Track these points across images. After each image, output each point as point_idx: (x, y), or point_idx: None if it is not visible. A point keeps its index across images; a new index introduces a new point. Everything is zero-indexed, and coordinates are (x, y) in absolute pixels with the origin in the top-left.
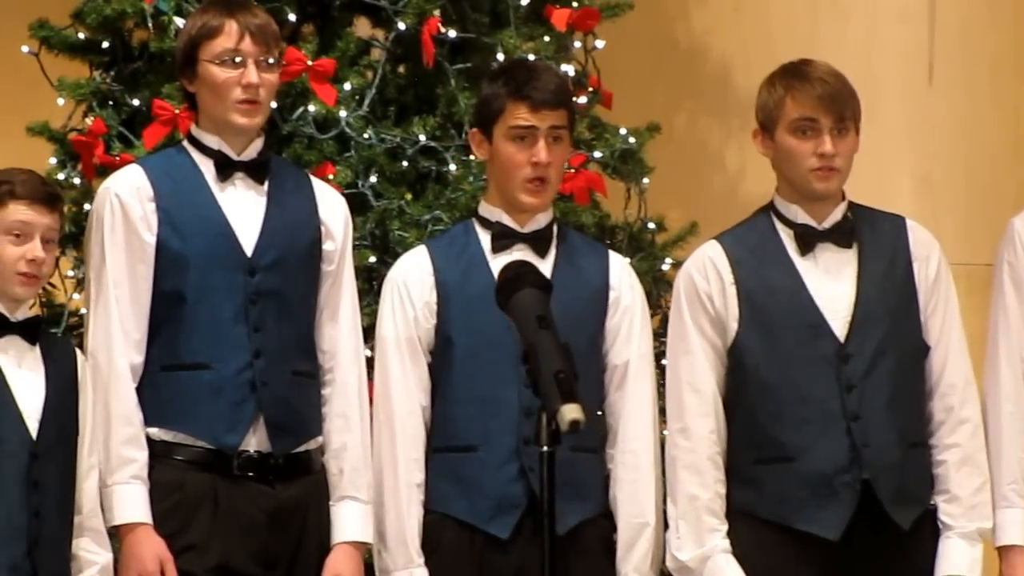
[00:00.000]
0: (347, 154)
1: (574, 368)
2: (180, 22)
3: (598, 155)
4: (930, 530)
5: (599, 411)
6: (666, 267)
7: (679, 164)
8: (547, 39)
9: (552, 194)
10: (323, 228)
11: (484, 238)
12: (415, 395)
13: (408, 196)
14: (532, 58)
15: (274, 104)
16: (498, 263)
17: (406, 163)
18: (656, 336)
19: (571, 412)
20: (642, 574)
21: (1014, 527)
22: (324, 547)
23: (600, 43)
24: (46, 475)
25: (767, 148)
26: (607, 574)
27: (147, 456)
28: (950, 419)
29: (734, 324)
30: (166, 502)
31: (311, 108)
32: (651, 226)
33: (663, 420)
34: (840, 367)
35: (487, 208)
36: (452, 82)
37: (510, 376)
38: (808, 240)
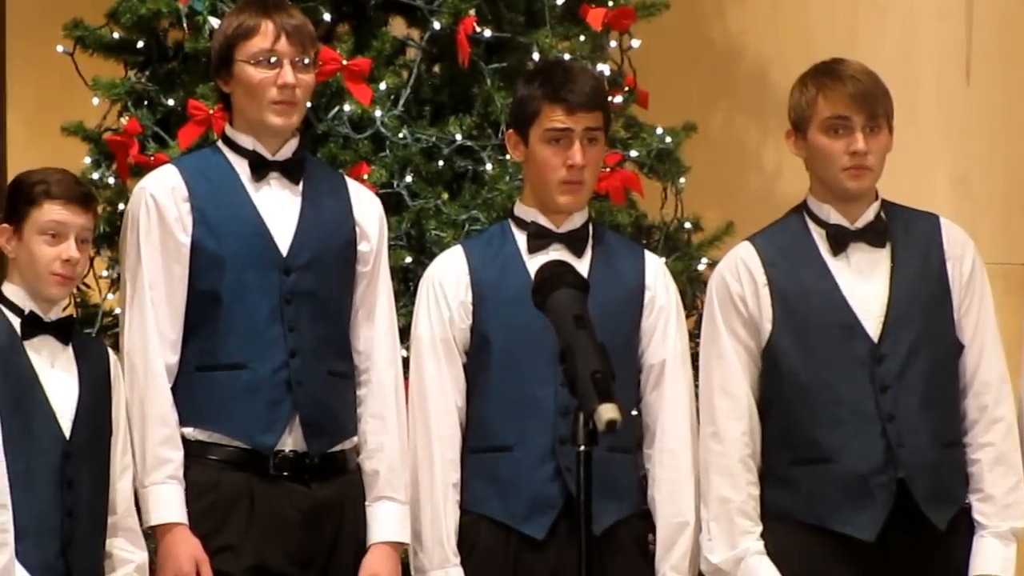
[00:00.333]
0: (382, 154)
1: (611, 368)
2: (215, 22)
3: (634, 154)
4: (966, 529)
5: (634, 411)
6: (702, 267)
7: (715, 164)
8: (583, 39)
9: (587, 195)
10: (358, 229)
11: (520, 238)
12: (450, 395)
13: (444, 196)
14: (567, 58)
15: (309, 104)
16: (534, 263)
17: (442, 163)
18: (692, 336)
19: (608, 412)
20: (681, 574)
21: None
22: (360, 547)
23: (636, 42)
24: (79, 474)
25: (800, 148)
26: (642, 574)
27: (183, 456)
28: (984, 418)
29: (768, 325)
30: (202, 502)
31: (346, 108)
32: (687, 226)
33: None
34: (874, 368)
35: (523, 208)
36: (488, 82)
37: (546, 376)
38: (840, 240)
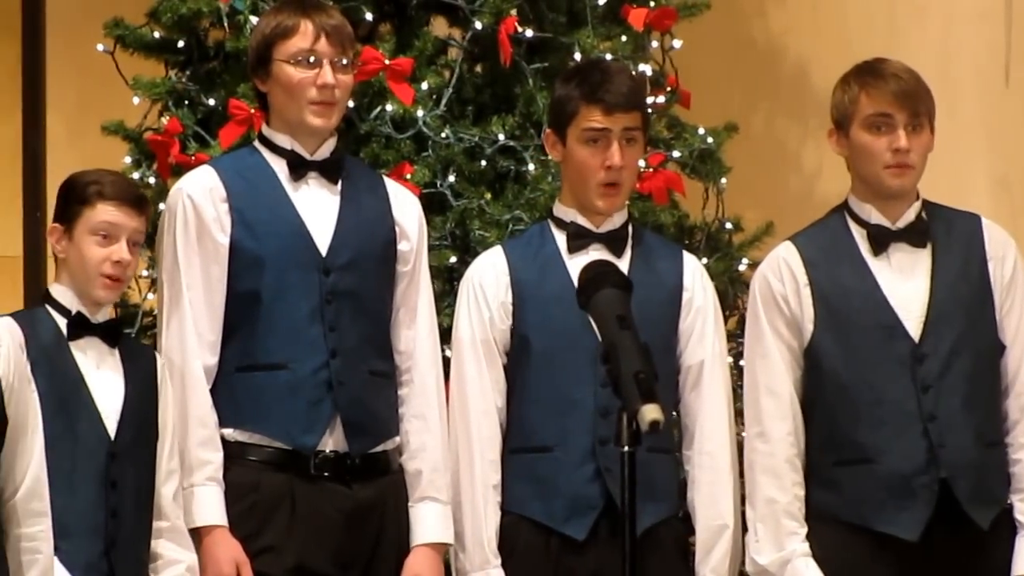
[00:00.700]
0: (425, 154)
1: (654, 369)
2: (256, 21)
3: (676, 155)
4: (1008, 530)
5: (673, 412)
6: (742, 267)
7: (756, 164)
8: (624, 39)
9: (626, 196)
10: (397, 228)
11: (560, 238)
12: (491, 396)
13: (488, 196)
14: (609, 58)
15: (351, 103)
16: (574, 263)
17: (484, 163)
18: (733, 337)
19: (651, 413)
20: None
21: None
22: (402, 547)
23: (677, 43)
24: (124, 475)
25: (842, 147)
26: None
27: (222, 458)
28: None
29: (809, 326)
30: (242, 503)
31: (388, 107)
32: (728, 226)
33: (741, 422)
34: (915, 368)
35: (562, 209)
36: (530, 82)
37: (586, 376)
38: (881, 240)
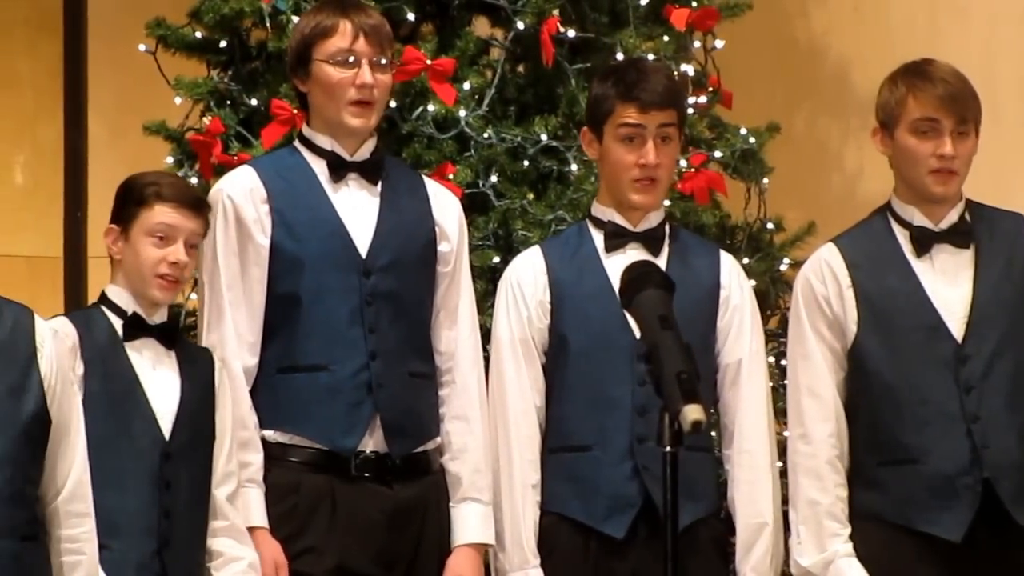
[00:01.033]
0: (467, 154)
1: (696, 369)
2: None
3: (718, 155)
4: None
5: (711, 410)
6: (784, 267)
7: (798, 164)
8: (666, 39)
9: (662, 194)
10: (437, 229)
11: (597, 238)
12: (529, 396)
13: (530, 196)
14: (651, 58)
15: (393, 103)
16: (611, 262)
17: (527, 163)
18: (775, 336)
19: (693, 413)
20: (761, 574)
21: None
22: (443, 548)
23: (719, 43)
24: (178, 476)
25: (886, 147)
26: (720, 575)
27: (262, 459)
28: None
29: (853, 327)
30: (283, 504)
31: (431, 108)
32: (769, 226)
33: (783, 421)
34: (958, 368)
35: (599, 208)
36: (572, 82)
37: (624, 375)
38: (924, 242)
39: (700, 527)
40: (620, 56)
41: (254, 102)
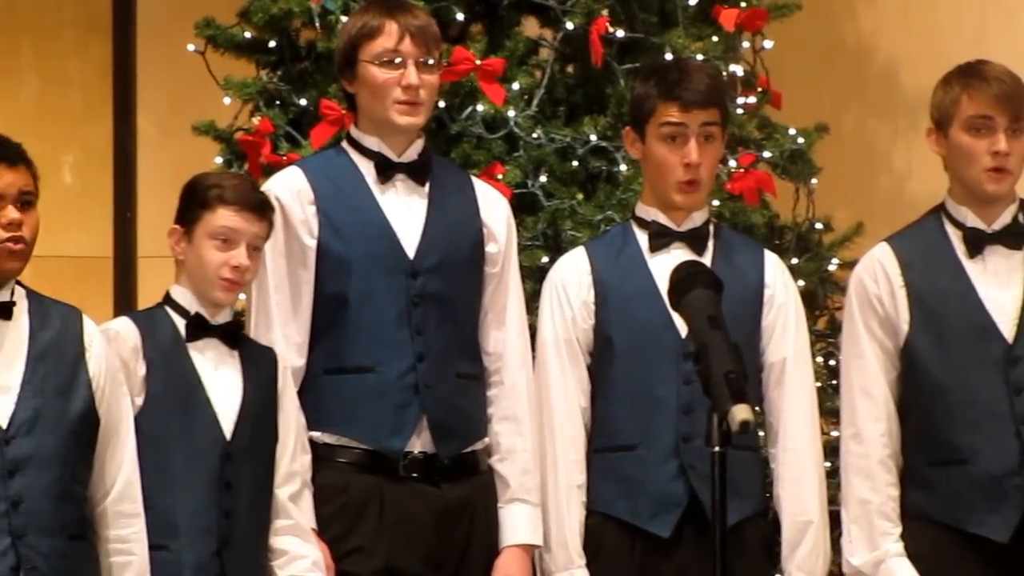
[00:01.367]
0: (516, 154)
1: (744, 369)
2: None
3: (767, 155)
4: None
5: (756, 409)
6: (832, 267)
7: (846, 164)
8: (715, 39)
9: (706, 193)
10: (485, 230)
11: (642, 238)
12: (574, 396)
13: (579, 196)
14: (700, 58)
15: (442, 104)
16: (656, 262)
17: (576, 163)
18: (823, 337)
19: (741, 413)
20: (807, 573)
21: None
22: (491, 548)
23: (768, 43)
24: (238, 476)
25: (941, 147)
26: (766, 574)
27: (310, 460)
28: None
29: (905, 327)
30: (331, 505)
31: (480, 108)
32: (818, 226)
33: (831, 421)
34: (1008, 370)
35: (643, 208)
36: (621, 82)
37: (669, 374)
38: (976, 243)
39: (746, 526)
40: (669, 56)
41: (303, 102)
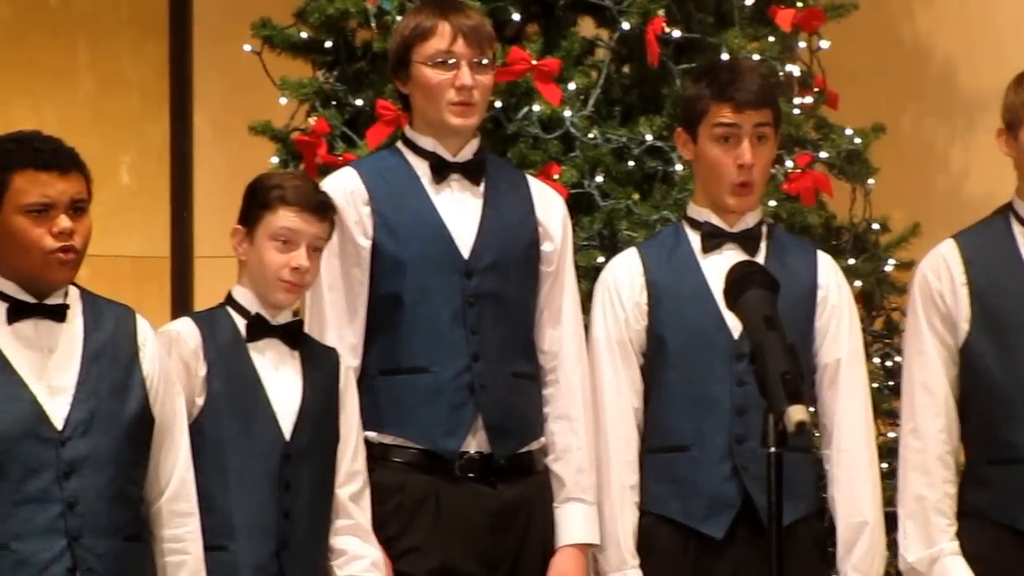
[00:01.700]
0: (572, 154)
1: (800, 369)
2: None
3: (824, 155)
4: None
5: (810, 409)
6: (889, 268)
7: (903, 164)
8: (772, 39)
9: (759, 195)
10: (540, 229)
11: (694, 239)
12: (627, 396)
13: (635, 196)
14: (756, 58)
15: (499, 104)
16: (708, 263)
17: (632, 163)
18: (880, 337)
19: (797, 413)
20: (863, 574)
21: None
22: (547, 549)
23: (825, 43)
24: (298, 477)
25: (1011, 148)
26: (820, 575)
27: (365, 460)
28: None
29: (965, 324)
30: (387, 504)
31: (536, 108)
32: (875, 227)
33: (888, 422)
34: None
35: (695, 209)
36: (677, 82)
37: (722, 375)
38: None
39: (800, 526)
40: (725, 56)
41: (359, 102)
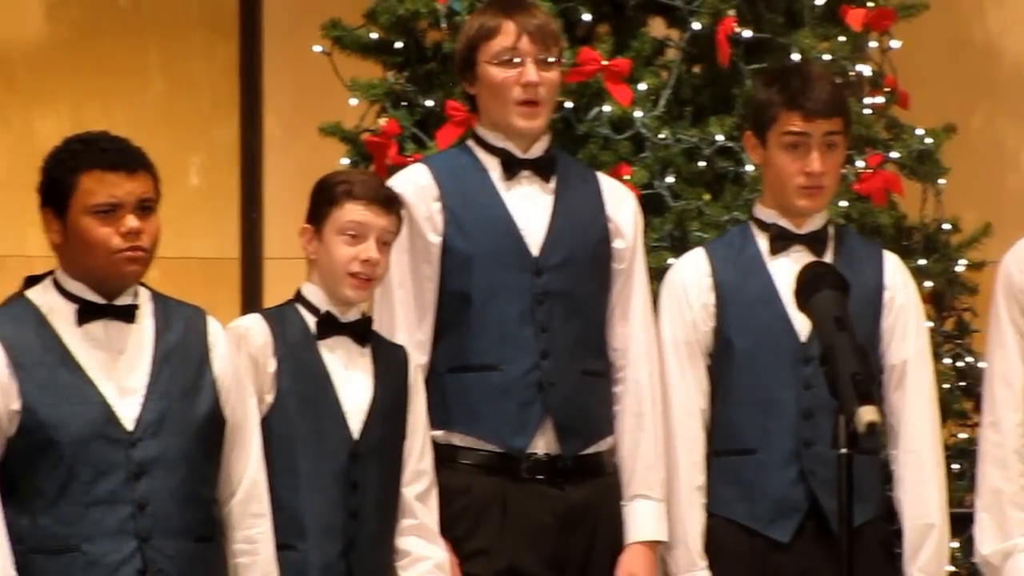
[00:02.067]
0: (643, 154)
1: (871, 370)
2: None
3: (895, 155)
4: None
5: None
6: (960, 268)
7: (974, 165)
8: (842, 39)
9: (827, 198)
10: (611, 226)
11: (761, 240)
12: (693, 397)
13: (706, 197)
14: (827, 58)
15: (569, 104)
16: (776, 265)
17: (703, 164)
18: (951, 338)
19: (868, 414)
20: (929, 575)
21: None
22: (616, 551)
23: (896, 43)
24: (366, 476)
25: None
26: None
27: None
28: None
29: None
30: (454, 506)
31: (606, 108)
32: (946, 227)
33: (958, 423)
34: None
35: (762, 210)
36: (748, 82)
37: (788, 378)
38: None
39: (867, 529)
40: (796, 57)
41: (430, 103)
